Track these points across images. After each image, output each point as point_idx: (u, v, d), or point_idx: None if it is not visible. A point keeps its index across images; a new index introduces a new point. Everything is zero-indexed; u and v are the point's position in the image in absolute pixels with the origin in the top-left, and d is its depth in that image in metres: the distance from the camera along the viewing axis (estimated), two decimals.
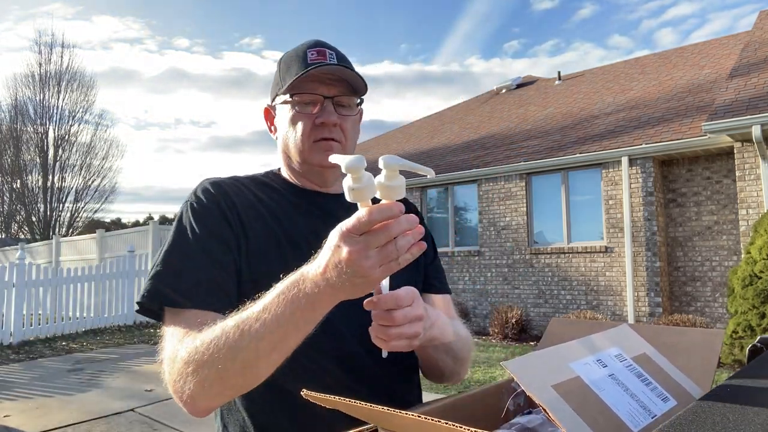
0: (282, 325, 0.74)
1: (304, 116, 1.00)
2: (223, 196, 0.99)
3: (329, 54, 1.02)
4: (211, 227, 0.94)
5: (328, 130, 1.00)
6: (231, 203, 0.98)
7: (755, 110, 6.82)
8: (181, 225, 0.96)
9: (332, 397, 0.66)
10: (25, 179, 26.48)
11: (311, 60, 0.99)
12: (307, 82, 0.99)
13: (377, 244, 0.67)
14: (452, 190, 10.59)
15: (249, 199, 1.01)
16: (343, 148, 1.02)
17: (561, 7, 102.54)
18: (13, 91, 26.71)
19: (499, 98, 15.70)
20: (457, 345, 1.01)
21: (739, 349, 5.46)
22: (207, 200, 0.98)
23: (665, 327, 0.92)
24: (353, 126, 1.05)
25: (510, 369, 0.62)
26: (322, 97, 1.00)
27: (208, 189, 1.00)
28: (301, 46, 1.04)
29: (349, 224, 0.68)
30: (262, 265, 0.94)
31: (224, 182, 1.03)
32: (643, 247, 8.04)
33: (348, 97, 1.02)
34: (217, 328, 0.80)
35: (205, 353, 0.78)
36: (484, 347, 7.79)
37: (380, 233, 0.67)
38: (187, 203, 0.99)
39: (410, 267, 1.05)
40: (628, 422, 0.62)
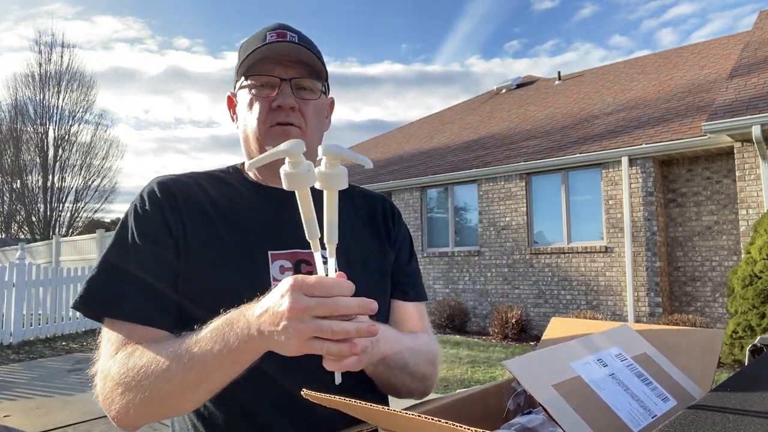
0: (208, 362, 0.72)
1: (260, 99, 0.93)
2: (169, 197, 0.92)
3: (290, 36, 0.95)
4: (150, 233, 0.89)
5: (285, 113, 0.92)
6: (175, 206, 0.92)
7: (755, 110, 6.82)
8: (122, 229, 0.91)
9: (332, 397, 0.66)
10: (25, 179, 26.48)
11: (269, 41, 0.93)
12: (263, 64, 0.93)
13: (315, 313, 0.65)
14: (452, 190, 10.59)
15: (199, 200, 0.94)
16: (303, 134, 0.94)
17: (561, 7, 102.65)
18: (13, 91, 26.72)
19: (499, 98, 15.70)
20: (413, 360, 0.92)
21: (739, 349, 5.46)
22: (150, 203, 0.91)
23: (665, 327, 0.92)
24: (316, 111, 0.97)
25: (510, 369, 0.62)
26: (279, 79, 0.93)
27: (153, 190, 0.93)
28: (262, 30, 0.98)
29: (309, 280, 0.66)
30: (204, 275, 0.88)
31: (173, 182, 0.95)
32: (643, 247, 8.04)
33: (309, 80, 0.95)
34: (150, 353, 0.77)
35: (134, 378, 0.76)
36: (484, 347, 7.79)
37: (328, 303, 0.65)
38: (132, 205, 0.93)
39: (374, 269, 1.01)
40: (628, 422, 0.62)
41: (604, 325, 0.91)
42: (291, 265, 0.92)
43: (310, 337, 0.65)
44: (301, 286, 0.65)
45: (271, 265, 0.91)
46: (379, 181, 11.56)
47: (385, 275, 1.04)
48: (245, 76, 0.95)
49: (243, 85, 0.96)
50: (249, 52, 0.93)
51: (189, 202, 0.93)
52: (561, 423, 0.57)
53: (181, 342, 0.76)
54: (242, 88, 0.96)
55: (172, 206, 0.91)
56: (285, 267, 0.92)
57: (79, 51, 48.65)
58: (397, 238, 1.09)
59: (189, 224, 0.91)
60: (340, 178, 0.67)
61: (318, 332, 0.65)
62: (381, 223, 1.08)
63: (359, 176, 12.79)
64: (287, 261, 0.92)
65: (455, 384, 5.60)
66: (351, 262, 0.97)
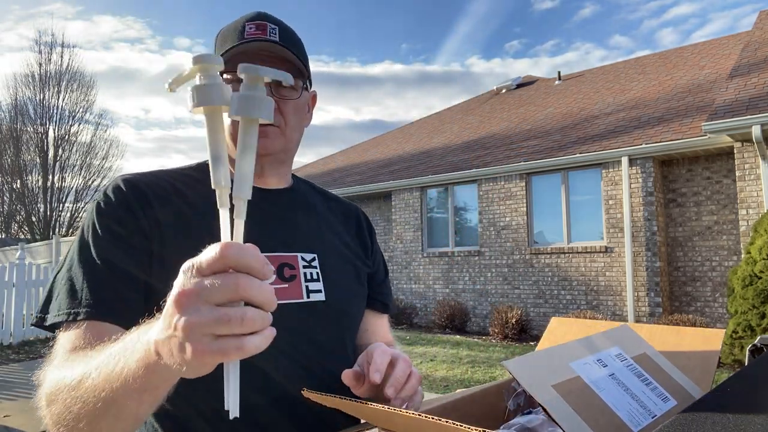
0: (111, 384, 0.59)
1: None
2: (137, 195, 0.86)
3: (270, 29, 0.89)
4: (118, 232, 0.82)
5: None
6: (146, 203, 0.85)
7: (755, 110, 6.82)
8: (85, 228, 0.84)
9: (333, 397, 0.66)
10: (25, 179, 26.46)
11: (248, 35, 0.88)
12: (241, 60, 0.84)
13: (213, 297, 0.46)
14: (452, 190, 10.59)
15: (170, 198, 0.88)
16: (282, 134, 0.91)
17: (562, 7, 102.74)
18: (13, 91, 26.71)
19: (499, 98, 15.70)
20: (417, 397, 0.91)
21: (739, 349, 5.46)
22: (117, 200, 0.85)
23: (665, 327, 0.92)
24: (296, 111, 0.93)
25: (510, 369, 0.62)
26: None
27: (119, 187, 0.86)
28: (240, 19, 0.92)
29: (198, 257, 0.49)
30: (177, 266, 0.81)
31: (141, 179, 0.89)
32: (643, 247, 8.04)
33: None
34: (74, 366, 0.67)
35: (56, 393, 0.67)
36: (484, 347, 7.79)
37: (226, 283, 0.46)
38: (94, 203, 0.86)
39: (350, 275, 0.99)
40: (628, 422, 0.62)
41: (604, 325, 0.91)
42: (274, 268, 0.87)
43: (210, 335, 0.46)
44: (191, 265, 0.48)
45: None
46: (379, 181, 11.56)
47: (363, 279, 1.03)
48: (221, 73, 0.90)
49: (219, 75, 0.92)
50: (225, 49, 0.87)
51: (160, 197, 0.87)
52: (561, 423, 0.57)
53: (97, 357, 0.64)
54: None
55: (141, 202, 0.85)
56: None
57: (79, 51, 48.59)
58: (375, 252, 1.10)
59: (163, 221, 0.84)
60: (260, 103, 0.52)
61: (219, 324, 0.46)
62: (356, 230, 1.08)
63: (359, 176, 12.80)
64: (270, 264, 0.88)
65: (455, 384, 5.60)
66: (329, 253, 0.97)
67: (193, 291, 0.47)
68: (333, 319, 0.93)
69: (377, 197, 11.94)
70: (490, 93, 16.79)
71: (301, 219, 0.97)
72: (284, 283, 0.89)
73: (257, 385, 0.81)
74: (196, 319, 0.46)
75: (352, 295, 1.00)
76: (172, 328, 0.48)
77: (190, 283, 0.48)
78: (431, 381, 5.80)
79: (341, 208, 1.10)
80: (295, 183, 1.04)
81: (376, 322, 1.06)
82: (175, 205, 0.87)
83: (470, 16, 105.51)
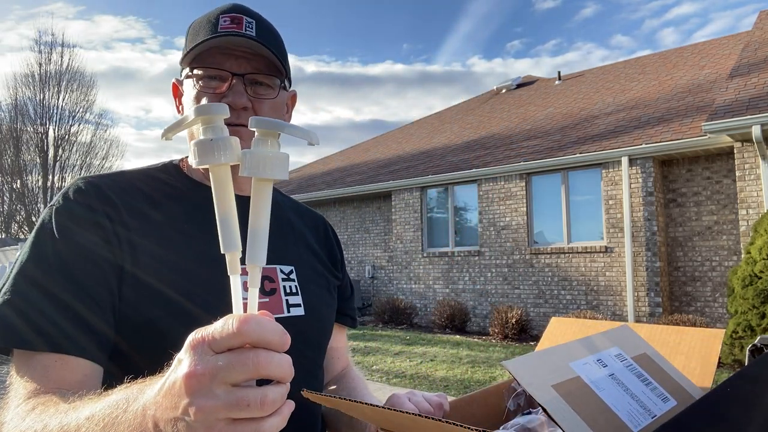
0: None
1: (208, 95, 0.81)
2: (102, 199, 0.77)
3: (247, 22, 0.82)
4: (79, 242, 0.73)
5: (236, 114, 0.80)
6: (113, 208, 0.77)
7: (755, 110, 6.82)
8: (40, 237, 0.73)
9: (333, 397, 0.66)
10: (25, 179, 26.46)
11: (222, 28, 0.80)
12: (214, 54, 0.81)
13: (230, 378, 0.42)
14: (452, 190, 10.59)
15: (138, 203, 0.80)
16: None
17: (563, 7, 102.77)
18: (13, 91, 26.69)
19: (499, 98, 15.70)
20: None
21: (739, 349, 5.46)
22: (78, 205, 0.75)
23: (665, 327, 0.92)
24: (273, 111, 0.85)
25: (510, 369, 0.62)
26: (230, 74, 0.81)
27: (80, 189, 0.77)
28: (215, 10, 0.85)
29: (210, 330, 0.44)
30: (154, 288, 0.74)
31: (104, 180, 0.80)
32: (643, 247, 8.04)
33: (266, 76, 0.83)
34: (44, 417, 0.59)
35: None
36: (484, 347, 7.79)
37: (243, 361, 0.42)
38: (51, 208, 0.76)
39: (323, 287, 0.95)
40: (628, 422, 0.62)
41: (603, 325, 0.91)
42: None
43: (226, 421, 0.42)
44: (203, 339, 0.43)
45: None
46: (379, 181, 11.56)
47: (334, 292, 1.00)
48: (191, 67, 0.82)
49: (189, 75, 0.83)
50: (197, 43, 0.80)
51: (128, 201, 0.79)
52: (561, 423, 0.57)
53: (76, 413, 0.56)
54: (188, 77, 0.83)
55: (107, 207, 0.76)
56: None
57: (79, 51, 48.57)
58: (343, 265, 1.06)
59: (133, 228, 0.76)
60: (276, 161, 0.48)
61: (237, 409, 0.42)
62: (325, 241, 1.04)
63: (359, 176, 12.80)
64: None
65: (455, 384, 5.60)
66: (304, 266, 0.93)
67: (207, 372, 0.42)
68: (311, 335, 0.89)
69: (377, 197, 11.94)
70: (490, 93, 16.79)
71: (276, 229, 0.91)
72: (264, 297, 0.83)
73: None
74: (211, 403, 0.42)
75: (328, 310, 0.97)
76: (181, 411, 0.43)
77: (203, 362, 0.43)
78: (431, 381, 5.80)
79: (310, 217, 1.05)
80: None
81: (339, 336, 1.03)
82: (144, 212, 0.79)
83: (471, 15, 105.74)
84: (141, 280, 0.74)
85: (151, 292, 0.74)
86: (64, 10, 45.94)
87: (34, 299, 0.69)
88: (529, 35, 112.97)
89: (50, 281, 0.70)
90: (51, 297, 0.69)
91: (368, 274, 12.01)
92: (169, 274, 0.76)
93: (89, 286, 0.71)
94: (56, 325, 0.68)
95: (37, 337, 0.67)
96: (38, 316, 0.68)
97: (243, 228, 0.49)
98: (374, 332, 9.35)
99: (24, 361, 0.68)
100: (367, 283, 12.03)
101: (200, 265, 0.78)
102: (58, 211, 0.75)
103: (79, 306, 0.70)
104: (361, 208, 12.33)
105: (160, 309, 0.73)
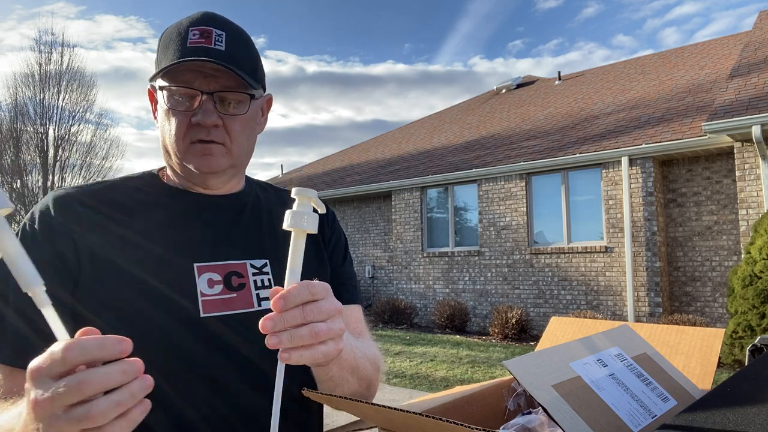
0: None
1: (179, 113, 0.82)
2: (66, 215, 0.79)
3: (216, 36, 0.81)
4: (37, 259, 0.76)
5: (206, 131, 0.81)
6: (73, 224, 0.79)
7: (755, 110, 6.82)
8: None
9: (334, 396, 0.66)
10: (25, 179, 26.45)
11: (191, 42, 0.80)
12: (182, 71, 0.80)
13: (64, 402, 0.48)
14: (452, 190, 10.59)
15: (106, 213, 0.82)
16: (228, 151, 0.84)
17: (565, 7, 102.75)
18: (13, 91, 26.70)
19: (499, 98, 15.70)
20: (363, 363, 0.85)
21: (739, 349, 5.46)
22: (42, 222, 0.79)
23: (665, 327, 0.92)
24: (244, 126, 0.85)
25: (510, 369, 0.62)
26: (199, 92, 0.81)
27: (47, 207, 0.80)
28: (185, 20, 0.84)
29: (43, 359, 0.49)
30: (115, 299, 0.77)
31: (75, 195, 0.83)
32: (643, 247, 8.04)
33: (235, 93, 0.83)
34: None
35: None
36: (484, 347, 7.79)
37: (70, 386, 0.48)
38: (22, 224, 0.80)
39: (314, 265, 0.92)
40: (628, 422, 0.62)
41: (603, 325, 0.91)
42: (221, 277, 0.84)
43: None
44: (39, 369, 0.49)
45: (197, 278, 0.82)
46: (379, 181, 11.56)
47: (323, 268, 0.98)
48: (162, 82, 0.83)
49: (161, 87, 0.83)
50: (168, 61, 0.80)
51: (93, 219, 0.81)
52: (561, 423, 0.57)
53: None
54: (160, 89, 0.83)
55: (69, 224, 0.79)
56: (214, 280, 0.83)
57: (80, 50, 48.44)
58: (331, 239, 1.02)
59: (92, 244, 0.79)
60: (309, 217, 0.64)
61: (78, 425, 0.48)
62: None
63: (359, 176, 12.80)
64: (216, 273, 0.84)
65: (455, 384, 5.60)
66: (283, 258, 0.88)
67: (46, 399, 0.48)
68: None
69: (377, 197, 11.94)
70: (490, 93, 16.79)
71: (250, 223, 0.92)
72: (232, 292, 0.84)
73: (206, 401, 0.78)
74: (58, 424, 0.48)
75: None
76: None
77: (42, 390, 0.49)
78: (431, 381, 5.80)
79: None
80: (246, 186, 0.98)
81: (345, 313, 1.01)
82: (108, 221, 0.81)
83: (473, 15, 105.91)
84: (96, 291, 0.76)
85: (110, 288, 0.77)
86: (66, 9, 45.88)
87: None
88: (530, 35, 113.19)
89: (5, 298, 0.73)
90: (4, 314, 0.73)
91: (368, 274, 12.01)
92: (126, 271, 0.78)
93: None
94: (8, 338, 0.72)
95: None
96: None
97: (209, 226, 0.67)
98: (374, 332, 9.35)
99: None
100: (367, 283, 12.03)
101: (158, 261, 0.80)
102: (24, 226, 0.79)
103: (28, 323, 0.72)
104: (361, 208, 12.33)
105: (116, 321, 0.75)
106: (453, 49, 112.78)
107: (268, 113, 0.96)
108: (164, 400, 0.69)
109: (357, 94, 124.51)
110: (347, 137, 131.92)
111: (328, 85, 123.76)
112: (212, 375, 0.79)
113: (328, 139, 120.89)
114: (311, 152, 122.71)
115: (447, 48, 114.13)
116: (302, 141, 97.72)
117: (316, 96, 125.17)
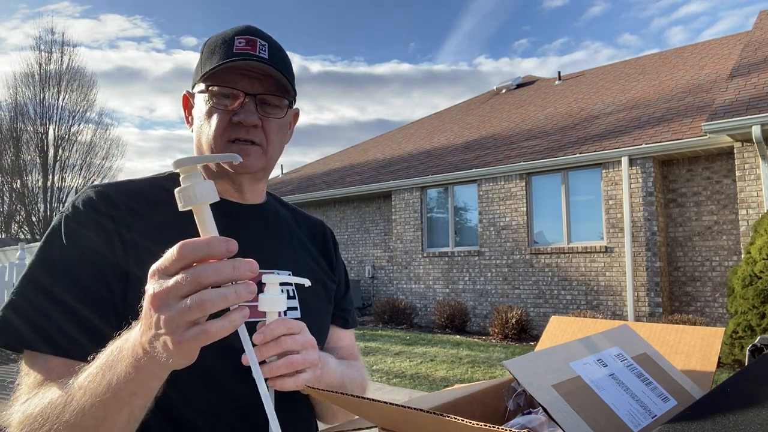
0: (100, 397, 0.61)
1: (220, 111, 0.85)
2: (110, 207, 0.81)
3: (260, 45, 0.86)
4: (84, 249, 0.77)
5: (246, 130, 0.85)
6: (119, 216, 0.81)
7: (755, 110, 6.82)
8: (49, 244, 0.78)
9: (335, 394, 0.66)
10: (25, 179, 26.45)
11: (237, 49, 0.85)
12: (228, 74, 0.85)
13: (180, 292, 0.54)
14: (452, 190, 10.59)
15: (145, 211, 0.84)
16: (264, 152, 0.88)
17: (572, 5, 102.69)
18: (13, 90, 26.70)
19: (499, 98, 15.70)
20: (350, 387, 0.92)
21: (739, 349, 5.46)
22: (86, 213, 0.80)
23: (665, 326, 0.92)
24: (279, 129, 0.90)
25: (510, 369, 0.62)
26: (243, 93, 0.85)
27: (90, 198, 0.81)
28: (230, 31, 0.89)
29: (161, 260, 0.57)
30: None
31: (113, 189, 0.85)
32: (643, 247, 8.04)
33: (275, 97, 0.88)
34: (51, 393, 0.67)
35: (34, 424, 0.66)
36: (484, 347, 7.79)
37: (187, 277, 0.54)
38: (61, 215, 0.80)
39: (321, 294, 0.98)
40: (629, 422, 0.62)
41: (603, 325, 0.91)
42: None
43: (185, 324, 0.55)
44: (157, 268, 0.56)
45: None
46: (380, 180, 11.56)
47: (330, 297, 1.03)
48: (206, 84, 0.87)
49: (203, 91, 0.87)
50: (213, 64, 0.84)
51: (134, 209, 0.83)
52: (561, 423, 0.57)
53: (77, 378, 0.65)
54: (202, 92, 0.87)
55: (113, 215, 0.80)
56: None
57: (80, 50, 48.50)
58: (338, 268, 1.09)
59: (137, 237, 0.80)
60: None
61: (187, 313, 0.53)
62: (323, 246, 1.07)
63: (359, 176, 12.80)
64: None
65: (455, 384, 5.60)
66: (301, 271, 0.95)
67: (162, 291, 0.55)
68: None
69: (377, 197, 11.94)
70: (490, 93, 16.79)
71: (276, 235, 0.97)
72: (254, 300, 0.85)
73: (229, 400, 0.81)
74: (170, 313, 0.54)
75: (324, 314, 1.00)
76: (154, 326, 0.56)
77: (159, 285, 0.55)
78: (431, 381, 5.80)
79: (308, 224, 1.08)
80: (268, 199, 1.02)
81: (339, 337, 1.06)
82: (149, 217, 0.83)
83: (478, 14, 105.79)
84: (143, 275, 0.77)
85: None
86: (70, 8, 45.91)
87: (39, 303, 0.73)
88: (536, 34, 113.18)
89: (55, 285, 0.74)
90: (55, 300, 0.73)
91: (368, 274, 12.01)
92: None
93: (92, 289, 0.76)
94: (60, 329, 0.72)
95: (41, 341, 0.72)
96: (43, 320, 0.72)
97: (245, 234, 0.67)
98: (374, 332, 9.35)
99: (31, 361, 0.73)
100: (367, 283, 12.03)
101: None
102: (67, 218, 0.80)
103: (82, 309, 0.74)
104: (361, 208, 12.33)
105: None
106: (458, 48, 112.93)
107: (294, 127, 1.01)
108: (163, 400, 0.69)
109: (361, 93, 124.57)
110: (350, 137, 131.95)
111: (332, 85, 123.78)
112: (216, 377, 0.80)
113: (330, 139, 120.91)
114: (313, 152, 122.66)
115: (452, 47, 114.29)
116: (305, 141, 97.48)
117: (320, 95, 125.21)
